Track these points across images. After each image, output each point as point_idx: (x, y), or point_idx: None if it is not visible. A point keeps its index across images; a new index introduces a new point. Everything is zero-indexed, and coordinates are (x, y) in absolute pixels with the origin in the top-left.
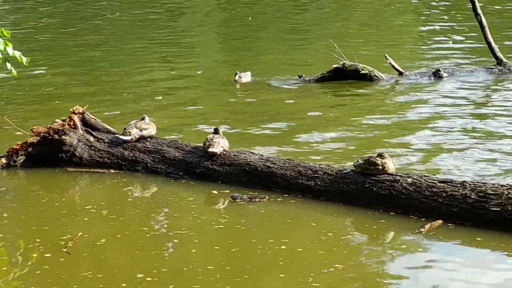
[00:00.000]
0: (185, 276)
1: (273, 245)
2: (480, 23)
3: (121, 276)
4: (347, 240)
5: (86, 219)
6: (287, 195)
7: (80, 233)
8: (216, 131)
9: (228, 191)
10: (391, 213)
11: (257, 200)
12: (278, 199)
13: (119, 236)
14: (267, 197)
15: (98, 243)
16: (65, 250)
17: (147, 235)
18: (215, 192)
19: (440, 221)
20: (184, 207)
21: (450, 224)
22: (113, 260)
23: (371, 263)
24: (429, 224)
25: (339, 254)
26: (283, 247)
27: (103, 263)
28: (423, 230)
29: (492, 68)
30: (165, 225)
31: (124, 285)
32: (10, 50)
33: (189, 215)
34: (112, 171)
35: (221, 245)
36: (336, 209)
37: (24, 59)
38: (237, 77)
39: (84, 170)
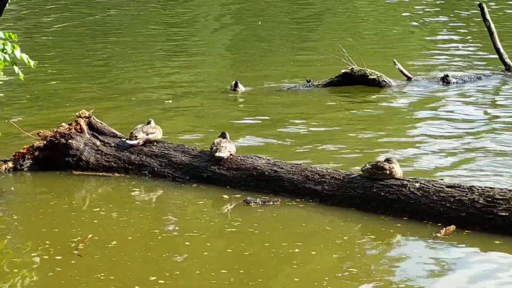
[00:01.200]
0: (198, 279)
1: (286, 248)
2: (489, 29)
3: (133, 278)
4: (362, 244)
5: (95, 221)
6: (299, 200)
7: (90, 235)
8: (223, 136)
9: (239, 195)
10: (404, 218)
11: (270, 203)
12: (292, 203)
13: (130, 238)
14: (280, 201)
15: (110, 245)
16: (76, 252)
17: (159, 237)
18: (226, 196)
19: (453, 226)
20: (195, 211)
21: (465, 229)
22: (125, 262)
23: (386, 268)
24: (444, 228)
25: (353, 258)
26: (297, 250)
27: (115, 265)
28: (439, 234)
29: (500, 74)
30: (177, 228)
31: (137, 287)
32: (17, 53)
33: (201, 218)
34: (117, 174)
35: (234, 248)
36: (351, 214)
37: (32, 63)
38: (240, 88)
39: (89, 173)
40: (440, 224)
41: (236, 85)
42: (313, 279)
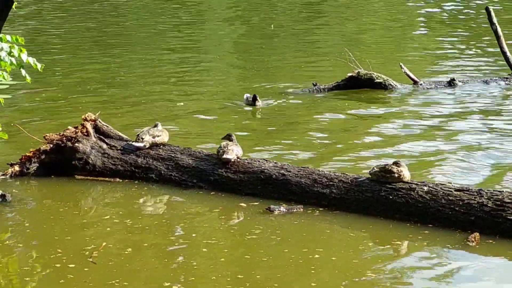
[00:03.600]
0: (213, 285)
1: (306, 254)
2: (496, 32)
3: (148, 284)
4: (385, 250)
5: (109, 229)
6: (322, 208)
7: (104, 243)
8: (229, 138)
9: (257, 203)
10: (430, 225)
11: (294, 210)
12: (314, 211)
13: (146, 245)
14: (302, 207)
15: (125, 253)
16: (90, 260)
17: (175, 244)
18: (244, 204)
19: (477, 234)
20: (212, 218)
21: (490, 238)
22: (141, 268)
23: (408, 275)
24: (472, 235)
25: (375, 264)
26: (317, 256)
27: (130, 272)
28: (471, 243)
29: (507, 78)
30: (194, 235)
31: None
32: (24, 56)
33: (219, 226)
34: (118, 180)
35: (252, 255)
36: (376, 221)
37: (39, 65)
38: (259, 103)
39: (91, 178)
40: (446, 227)
41: (254, 99)
42: (331, 284)
